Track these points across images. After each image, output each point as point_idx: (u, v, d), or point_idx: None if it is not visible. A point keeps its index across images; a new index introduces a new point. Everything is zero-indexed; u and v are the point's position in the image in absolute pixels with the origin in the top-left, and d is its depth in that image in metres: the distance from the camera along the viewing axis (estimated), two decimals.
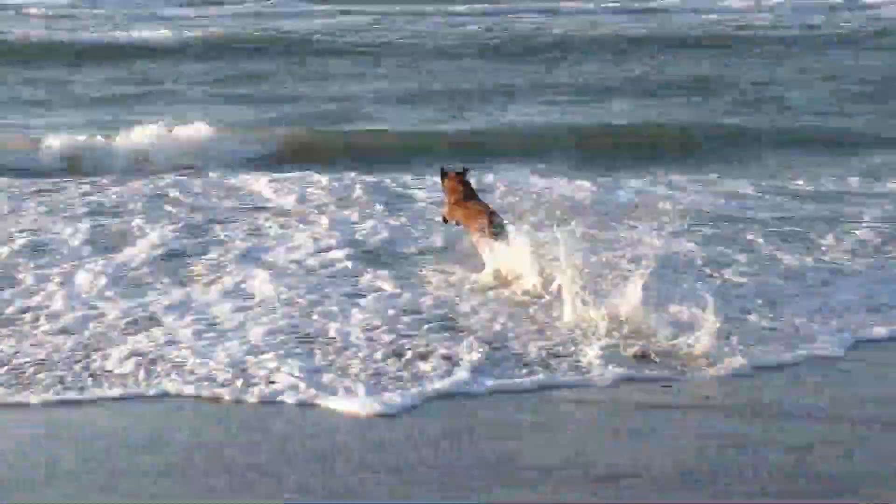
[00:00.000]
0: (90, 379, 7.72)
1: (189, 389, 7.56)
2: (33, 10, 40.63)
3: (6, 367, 7.88)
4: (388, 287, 9.80)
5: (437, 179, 10.89)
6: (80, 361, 7.99)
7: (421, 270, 10.33)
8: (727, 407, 7.49)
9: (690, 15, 41.18)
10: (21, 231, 11.66)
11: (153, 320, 8.90)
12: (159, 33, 31.07)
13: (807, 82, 23.29)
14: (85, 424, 7.17)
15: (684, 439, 6.87)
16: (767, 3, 44.06)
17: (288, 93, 22.11)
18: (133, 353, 8.14)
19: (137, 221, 12.05)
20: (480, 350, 8.23)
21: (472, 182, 10.66)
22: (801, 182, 14.53)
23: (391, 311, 9.14)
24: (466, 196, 10.36)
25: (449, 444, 6.85)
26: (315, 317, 9.01)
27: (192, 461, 6.56)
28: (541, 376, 7.83)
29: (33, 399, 7.39)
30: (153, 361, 8.00)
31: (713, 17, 38.56)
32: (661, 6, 45.53)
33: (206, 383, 7.66)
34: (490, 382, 7.69)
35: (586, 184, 14.09)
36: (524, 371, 7.93)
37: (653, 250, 9.48)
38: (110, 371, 7.84)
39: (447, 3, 48.18)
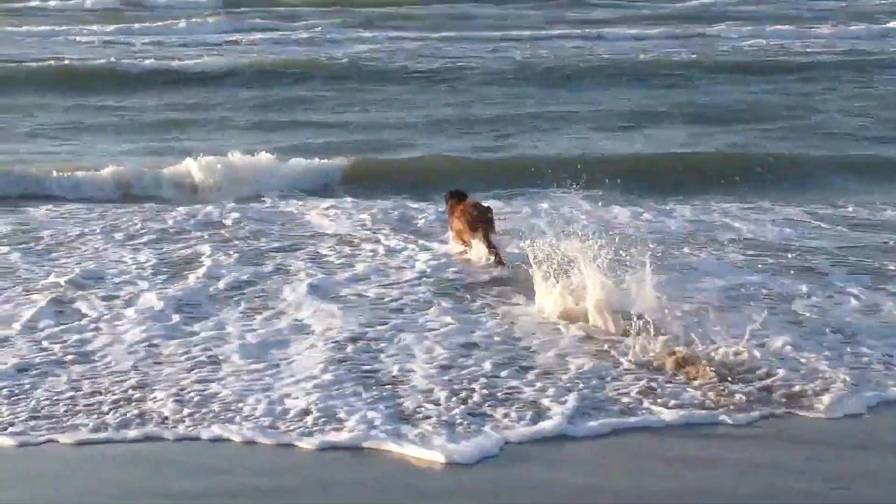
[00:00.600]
0: (140, 419, 7.42)
1: (245, 433, 7.20)
2: (82, 38, 41.17)
3: (54, 402, 7.64)
4: (457, 321, 9.48)
5: (499, 206, 11.28)
6: (130, 400, 7.69)
7: (488, 302, 10.05)
8: (854, 444, 7.22)
9: (737, 41, 41.24)
10: (81, 260, 11.49)
11: (211, 357, 8.60)
12: (210, 59, 31.31)
13: (855, 109, 22.95)
14: (132, 467, 6.87)
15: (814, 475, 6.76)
16: (817, 31, 44.03)
17: (338, 119, 21.94)
18: (187, 392, 7.84)
19: (198, 249, 11.91)
20: (559, 392, 7.83)
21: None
22: (852, 209, 14.32)
23: (461, 348, 8.82)
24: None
25: (537, 492, 6.58)
26: (382, 354, 8.67)
27: None
28: (634, 418, 7.47)
29: (80, 436, 7.15)
30: (207, 402, 7.67)
31: (761, 42, 38.57)
32: (708, 32, 45.60)
33: (264, 427, 7.30)
34: (579, 426, 7.31)
35: (639, 210, 14.02)
36: (614, 411, 7.54)
37: (721, 281, 9.45)
38: (160, 412, 7.53)
39: (491, 30, 48.57)
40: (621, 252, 10.03)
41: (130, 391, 7.89)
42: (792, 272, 11.04)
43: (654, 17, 63.15)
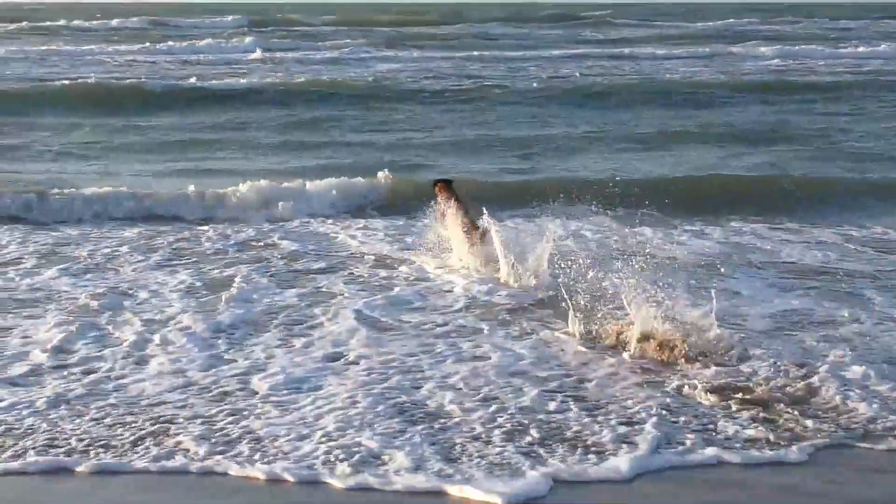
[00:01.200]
0: (167, 451, 7.03)
1: (276, 470, 6.76)
2: (109, 57, 41.38)
3: (81, 432, 7.31)
4: (502, 349, 9.09)
5: (536, 226, 11.29)
6: (157, 433, 7.30)
7: (533, 328, 9.72)
8: None
9: (763, 60, 41.21)
10: (117, 281, 11.32)
11: (245, 388, 8.18)
12: (236, 79, 31.44)
13: (883, 130, 22.92)
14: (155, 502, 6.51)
15: None
16: (844, 50, 43.91)
17: (364, 139, 22.01)
18: (216, 424, 7.43)
19: (235, 271, 11.74)
20: (611, 427, 7.41)
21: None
22: (881, 231, 14.22)
23: (508, 377, 8.43)
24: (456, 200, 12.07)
25: None
26: (425, 385, 8.25)
27: None
28: (694, 455, 7.01)
29: (103, 466, 6.86)
30: (238, 435, 7.25)
31: (788, 61, 38.52)
32: (735, 51, 45.57)
33: (296, 464, 6.86)
34: (634, 463, 6.87)
35: (671, 232, 13.91)
36: (670, 447, 7.11)
37: (766, 307, 9.36)
38: (187, 444, 7.12)
39: (514, 49, 48.58)
40: (660, 277, 9.79)
41: (158, 422, 7.51)
42: (835, 296, 10.81)
43: (681, 36, 63.27)
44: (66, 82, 29.82)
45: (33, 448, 7.08)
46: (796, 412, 7.68)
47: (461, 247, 12.02)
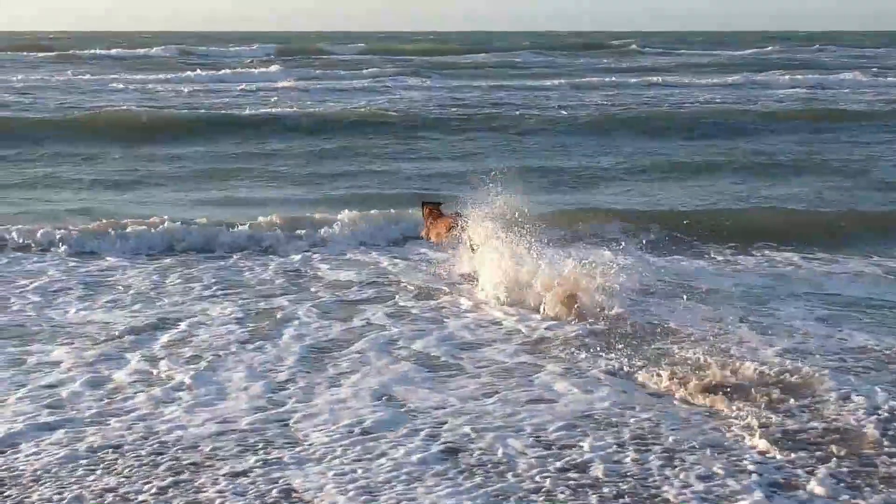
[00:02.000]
0: None
1: None
2: (140, 86, 41.44)
3: (95, 480, 6.80)
4: (566, 390, 8.51)
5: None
6: (183, 484, 6.75)
7: (596, 364, 9.15)
8: None
9: (794, 89, 40.93)
10: (161, 314, 10.81)
11: (288, 437, 7.54)
12: (265, 109, 31.31)
13: None
14: None
15: None
16: (876, 80, 43.59)
17: (393, 167, 21.71)
18: (254, 478, 6.86)
19: (281, 303, 11.33)
20: (686, 479, 6.83)
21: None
22: None
23: (576, 420, 7.84)
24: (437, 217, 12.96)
25: None
26: (486, 433, 7.56)
27: None
28: None
29: None
30: (277, 491, 6.68)
31: (819, 92, 38.26)
32: (764, 81, 45.33)
33: None
34: None
35: (712, 264, 13.57)
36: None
37: (822, 341, 9.05)
38: (221, 502, 6.57)
39: (542, 78, 48.50)
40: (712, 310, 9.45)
41: (186, 471, 6.98)
42: (887, 329, 10.44)
43: (707, 64, 63.17)
44: (93, 111, 29.73)
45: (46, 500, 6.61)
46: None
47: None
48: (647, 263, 13.15)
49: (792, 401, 8.15)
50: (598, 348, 9.62)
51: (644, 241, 14.03)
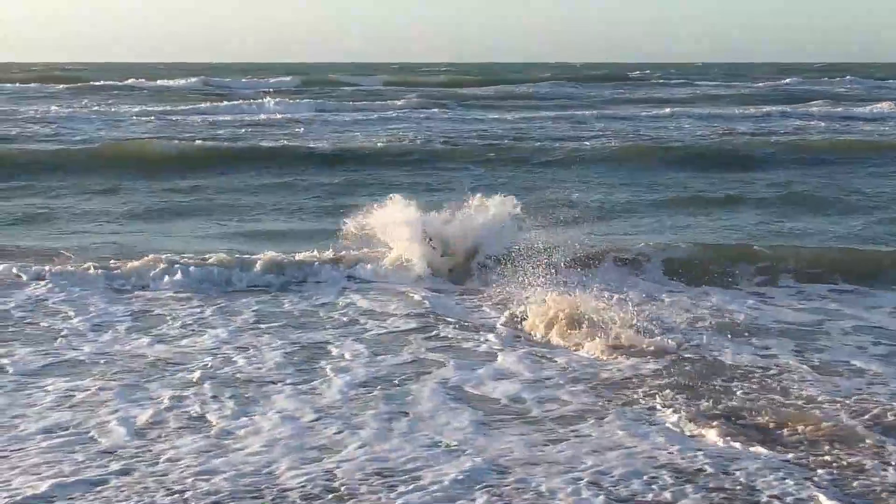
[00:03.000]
0: None
1: None
2: (155, 118, 41.50)
3: None
4: (640, 434, 7.96)
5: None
6: None
7: (654, 407, 8.65)
8: None
9: (828, 121, 40.66)
10: (203, 350, 10.42)
11: (333, 491, 6.99)
12: (287, 142, 31.23)
13: None
14: None
15: None
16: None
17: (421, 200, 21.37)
18: None
19: (325, 337, 10.97)
20: None
21: None
22: None
23: (657, 471, 7.25)
24: None
25: None
26: (544, 488, 7.00)
27: None
28: None
29: None
30: None
31: (839, 125, 37.98)
32: (787, 112, 45.12)
33: None
34: None
35: (736, 297, 13.21)
36: None
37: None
38: None
39: (563, 109, 48.46)
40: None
41: None
42: None
43: (729, 96, 63.00)
44: (113, 142, 29.59)
45: None
46: None
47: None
48: (683, 297, 12.92)
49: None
50: (657, 387, 9.20)
51: (674, 275, 13.83)
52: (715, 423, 8.16)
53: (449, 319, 11.87)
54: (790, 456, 7.56)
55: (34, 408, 8.61)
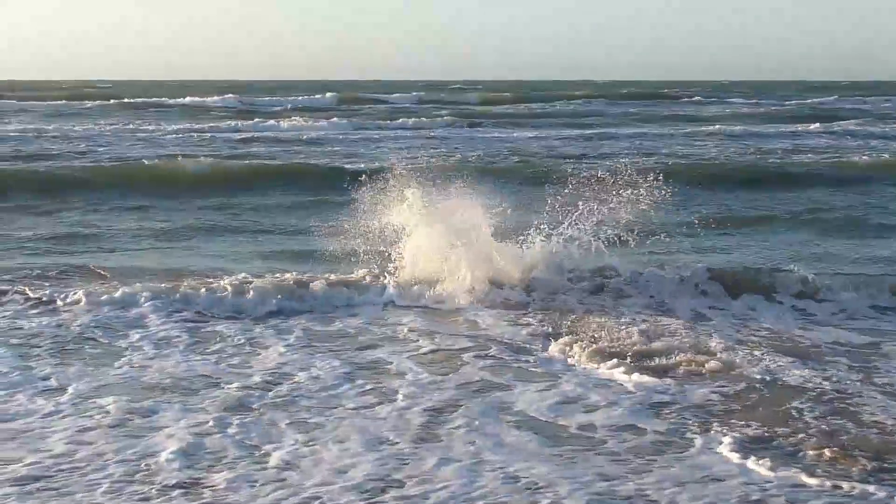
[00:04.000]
0: None
1: None
2: (187, 136, 41.49)
3: None
4: (728, 464, 7.52)
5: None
6: None
7: (748, 437, 8.22)
8: None
9: (858, 140, 40.29)
10: (264, 374, 10.09)
11: None
12: (323, 159, 31.14)
13: None
14: None
15: None
16: None
17: None
18: None
19: (385, 357, 10.70)
20: None
21: None
22: None
23: None
24: None
25: None
26: None
27: None
28: None
29: None
30: None
31: (879, 143, 37.55)
32: (831, 130, 44.75)
33: None
34: None
35: (780, 315, 13.00)
36: None
37: None
38: None
39: (597, 127, 48.20)
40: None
41: None
42: None
43: (766, 114, 62.58)
44: (147, 161, 29.45)
45: None
46: None
47: None
48: (729, 317, 12.74)
49: None
50: (731, 413, 8.88)
51: (717, 293, 13.63)
52: (808, 454, 7.86)
53: (504, 340, 11.58)
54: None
55: (92, 432, 8.39)
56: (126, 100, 75.72)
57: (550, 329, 11.99)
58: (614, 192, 14.51)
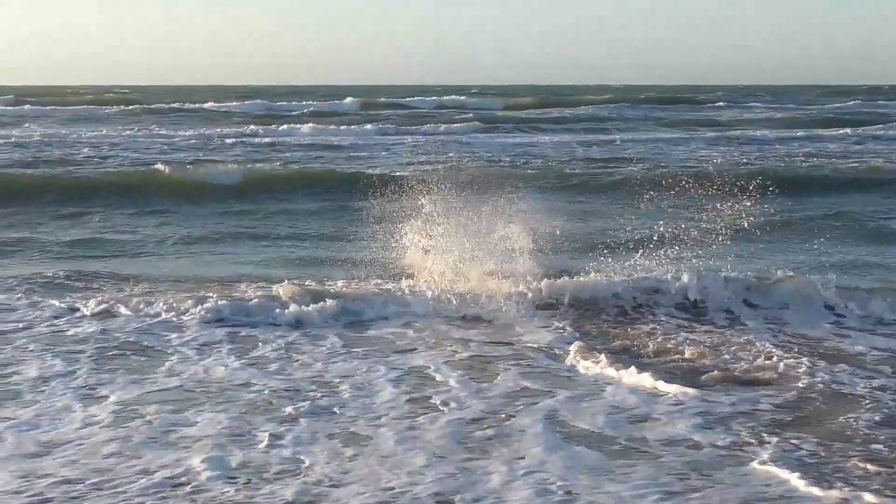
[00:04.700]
0: None
1: None
2: (207, 141, 41.40)
3: None
4: (776, 491, 7.18)
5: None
6: None
7: (797, 449, 7.98)
8: None
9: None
10: (311, 376, 10.03)
11: None
12: (344, 165, 30.99)
13: None
14: None
15: None
16: None
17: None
18: None
19: (422, 360, 10.62)
20: None
21: None
22: None
23: None
24: None
25: None
26: None
27: None
28: None
29: None
30: None
31: None
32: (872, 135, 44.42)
33: None
34: None
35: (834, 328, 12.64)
36: None
37: None
38: None
39: (626, 132, 47.92)
40: None
41: None
42: None
43: (791, 119, 62.11)
44: (163, 168, 29.13)
45: None
46: None
47: None
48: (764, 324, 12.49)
49: None
50: (787, 424, 8.63)
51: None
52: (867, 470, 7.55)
53: (543, 348, 11.37)
54: None
55: (131, 442, 8.21)
56: (147, 105, 75.78)
57: (592, 337, 11.81)
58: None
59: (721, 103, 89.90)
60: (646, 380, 9.87)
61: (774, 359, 10.58)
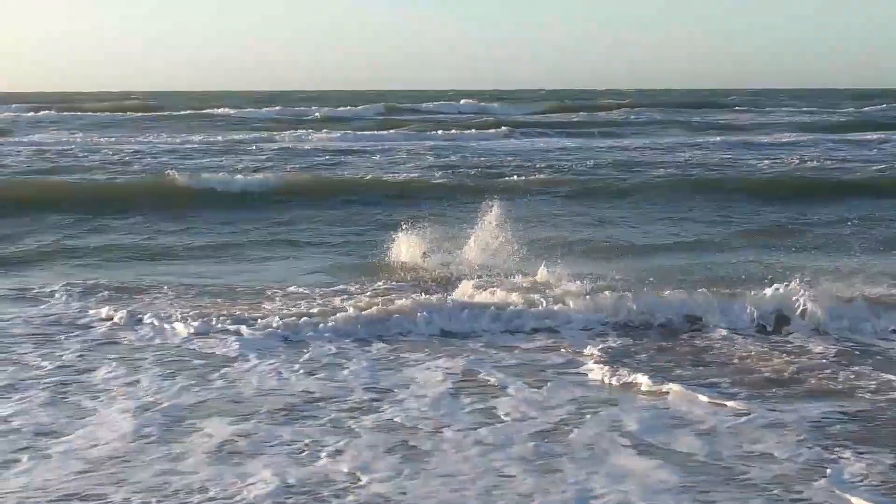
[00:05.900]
0: None
1: None
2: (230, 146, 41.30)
3: None
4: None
5: None
6: None
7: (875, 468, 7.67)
8: None
9: None
10: (368, 389, 9.78)
11: None
12: (367, 171, 30.82)
13: None
14: None
15: None
16: None
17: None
18: None
19: (484, 371, 10.34)
20: None
21: None
22: None
23: None
24: None
25: None
26: None
27: None
28: None
29: None
30: None
31: None
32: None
33: None
34: None
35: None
36: None
37: None
38: None
39: (641, 136, 47.66)
40: None
41: None
42: None
43: (818, 123, 61.80)
44: (178, 175, 28.82)
45: None
46: None
47: None
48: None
49: None
50: (854, 438, 8.33)
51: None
52: None
53: (586, 352, 11.14)
54: None
55: (189, 460, 7.97)
56: (167, 112, 75.86)
57: (648, 349, 11.50)
58: None
59: (747, 107, 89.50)
60: (710, 393, 9.59)
61: (833, 367, 10.41)
